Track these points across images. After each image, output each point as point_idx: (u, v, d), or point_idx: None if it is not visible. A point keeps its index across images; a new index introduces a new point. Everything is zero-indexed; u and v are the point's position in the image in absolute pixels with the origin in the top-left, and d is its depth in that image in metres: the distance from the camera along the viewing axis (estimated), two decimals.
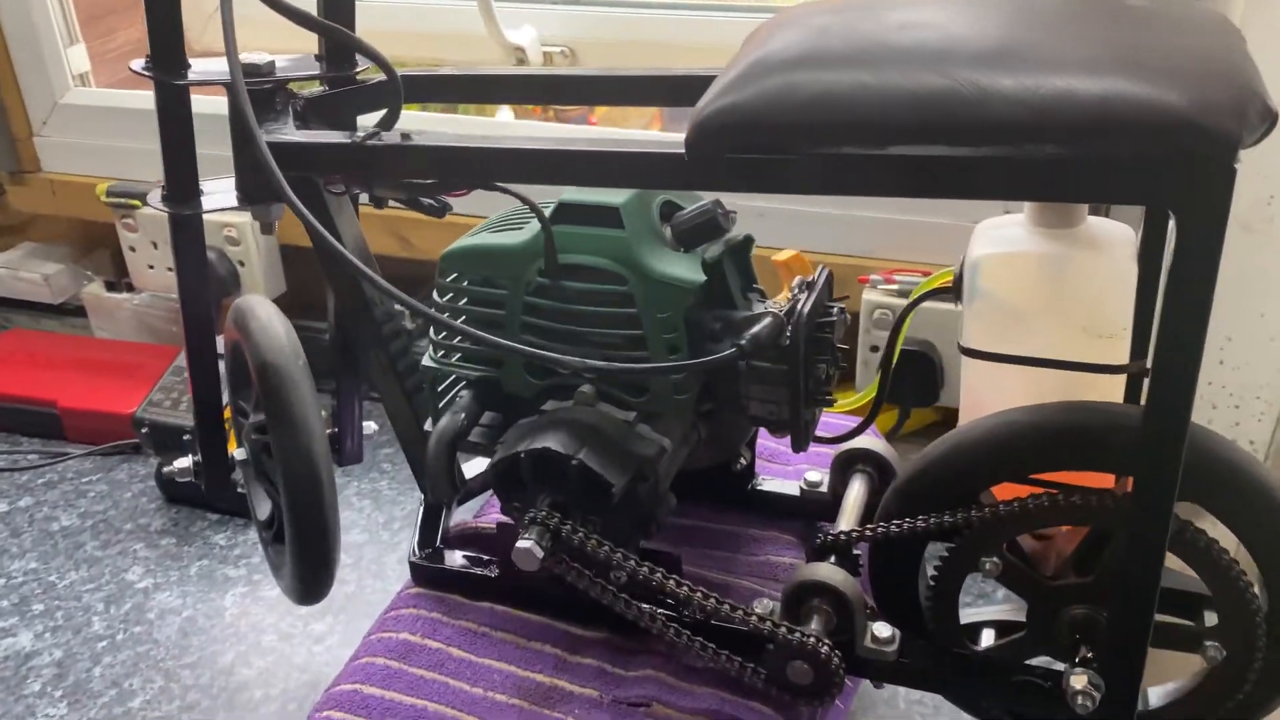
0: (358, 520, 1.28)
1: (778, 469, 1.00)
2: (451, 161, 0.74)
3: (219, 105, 0.77)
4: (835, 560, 0.78)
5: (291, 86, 0.85)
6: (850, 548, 0.79)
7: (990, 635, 0.80)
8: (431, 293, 0.85)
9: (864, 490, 0.88)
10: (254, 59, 0.82)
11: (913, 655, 0.76)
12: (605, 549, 0.74)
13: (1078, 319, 0.74)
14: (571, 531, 0.74)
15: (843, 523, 0.84)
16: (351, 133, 0.77)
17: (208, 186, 0.87)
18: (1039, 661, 0.76)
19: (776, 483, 0.96)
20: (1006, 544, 0.73)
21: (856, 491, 0.88)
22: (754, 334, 0.74)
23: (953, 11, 0.63)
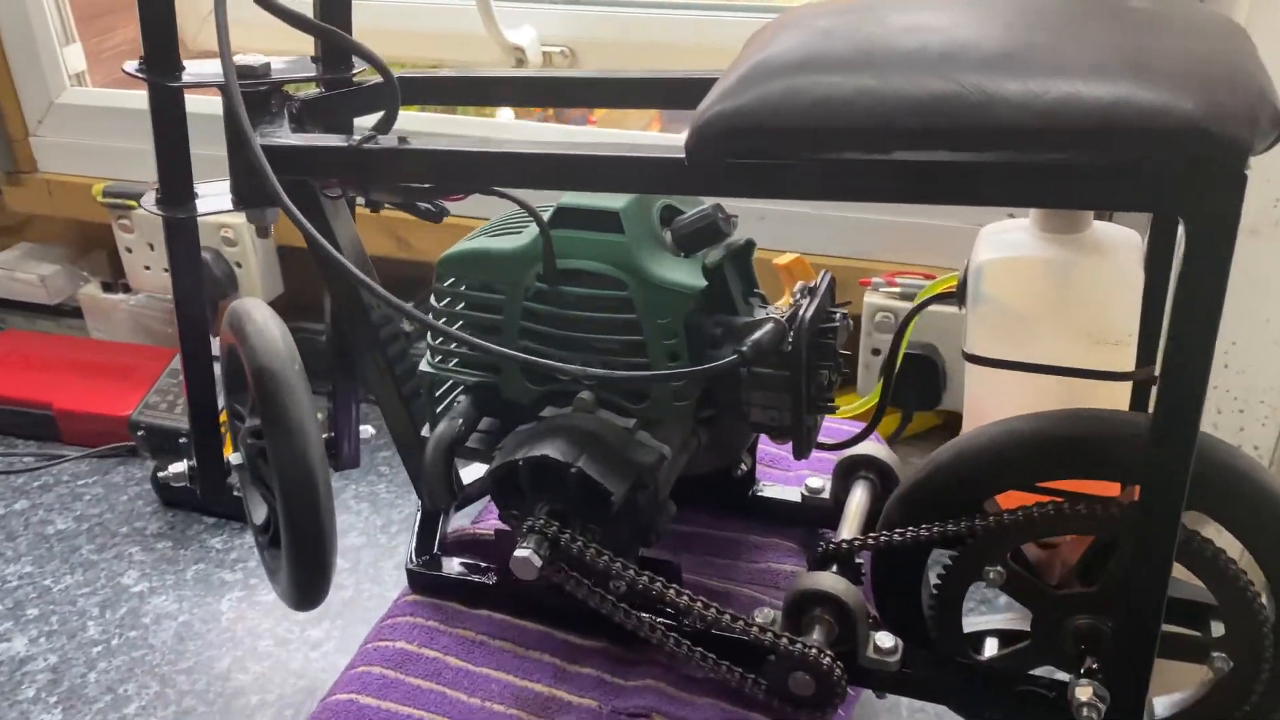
0: (355, 524, 1.28)
1: (779, 475, 1.00)
2: (449, 166, 0.73)
3: (218, 105, 0.77)
4: (837, 569, 0.77)
5: (287, 88, 0.84)
6: (852, 556, 0.78)
7: (994, 644, 0.79)
8: (429, 296, 0.84)
9: (866, 497, 0.87)
10: (249, 61, 0.81)
11: (915, 665, 0.76)
12: (604, 558, 0.73)
13: (1083, 325, 0.73)
14: (570, 540, 0.73)
15: (845, 530, 0.83)
16: (347, 136, 0.76)
17: (202, 189, 0.86)
18: (1043, 671, 0.75)
19: (777, 489, 0.95)
20: (1011, 553, 0.72)
21: (859, 498, 0.87)
22: (756, 340, 0.73)
23: (957, 14, 0.62)
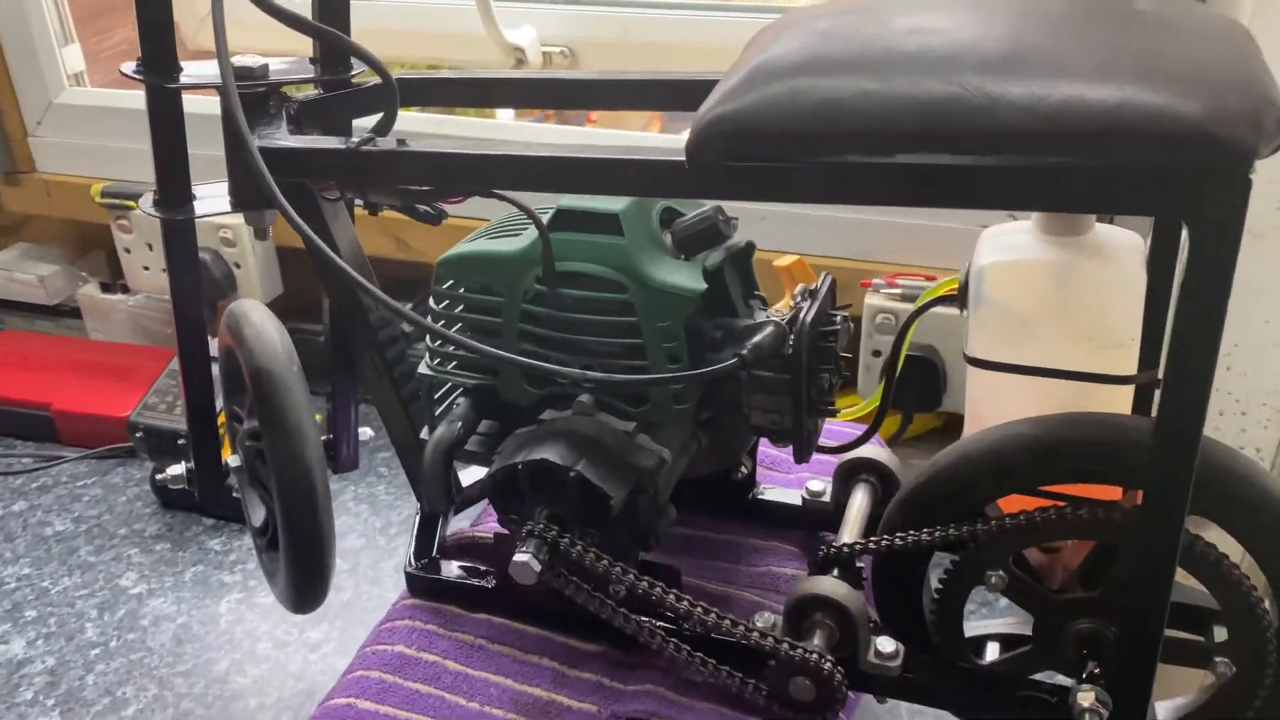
0: (354, 525, 1.27)
1: (779, 477, 0.99)
2: (448, 169, 0.73)
3: (218, 105, 0.76)
4: (838, 573, 0.77)
5: (286, 90, 0.84)
6: (853, 560, 0.78)
7: (995, 649, 0.79)
8: (428, 297, 0.83)
9: (867, 500, 0.87)
10: (247, 62, 0.81)
11: (916, 670, 0.75)
12: (604, 563, 0.73)
13: (1085, 328, 0.72)
14: (570, 545, 0.73)
15: (846, 534, 0.83)
16: (346, 138, 0.76)
17: (200, 191, 0.85)
18: (1044, 676, 0.74)
19: (778, 492, 0.94)
20: (1013, 557, 0.72)
21: (859, 502, 0.86)
22: (756, 343, 0.73)
23: (959, 16, 0.61)
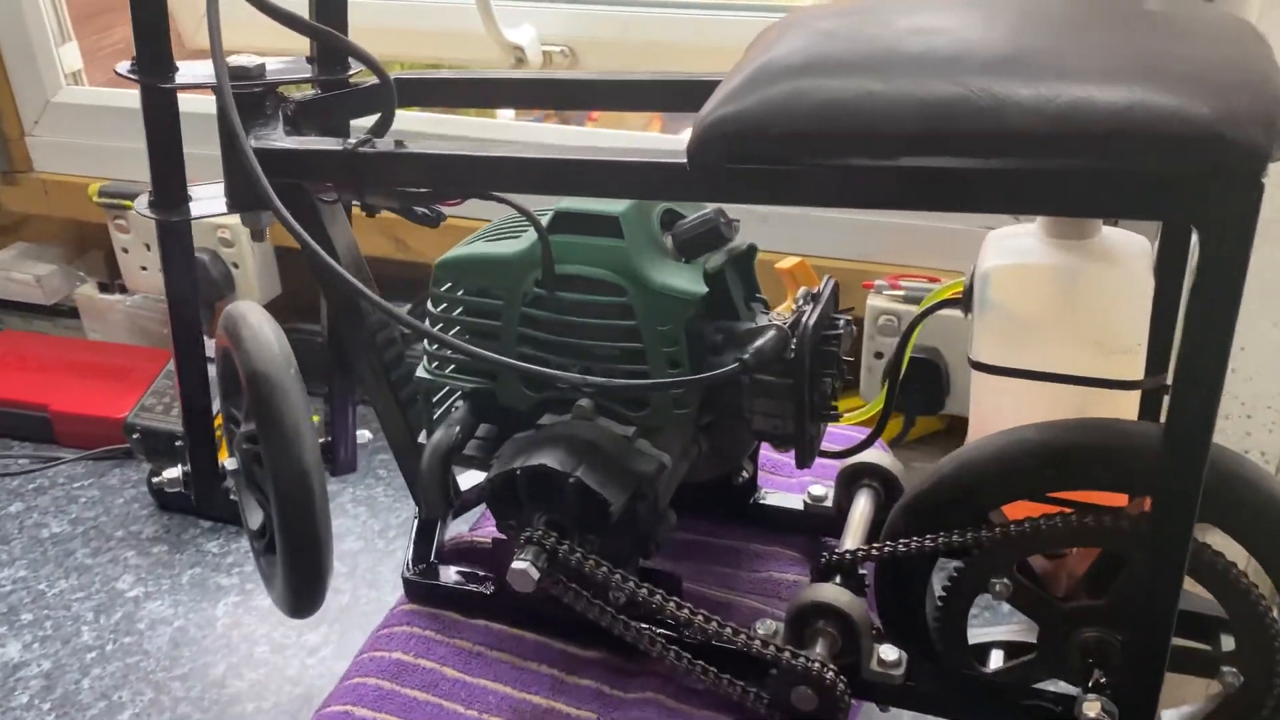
0: (352, 528, 1.26)
1: (781, 482, 0.98)
2: (446, 170, 0.71)
3: (215, 105, 0.75)
4: (840, 580, 0.76)
5: (283, 90, 0.83)
6: (856, 567, 0.77)
7: (999, 657, 0.78)
8: (427, 299, 0.82)
9: (870, 506, 0.86)
10: (243, 62, 0.80)
11: (920, 678, 0.74)
12: (603, 569, 0.72)
13: (1091, 333, 0.71)
14: (569, 551, 0.72)
15: (848, 540, 0.82)
16: (343, 139, 0.75)
17: (196, 192, 0.84)
18: (1049, 685, 0.74)
19: (779, 496, 0.93)
20: (1017, 564, 0.71)
21: (862, 507, 0.85)
22: (758, 347, 0.72)
23: (964, 16, 0.60)
